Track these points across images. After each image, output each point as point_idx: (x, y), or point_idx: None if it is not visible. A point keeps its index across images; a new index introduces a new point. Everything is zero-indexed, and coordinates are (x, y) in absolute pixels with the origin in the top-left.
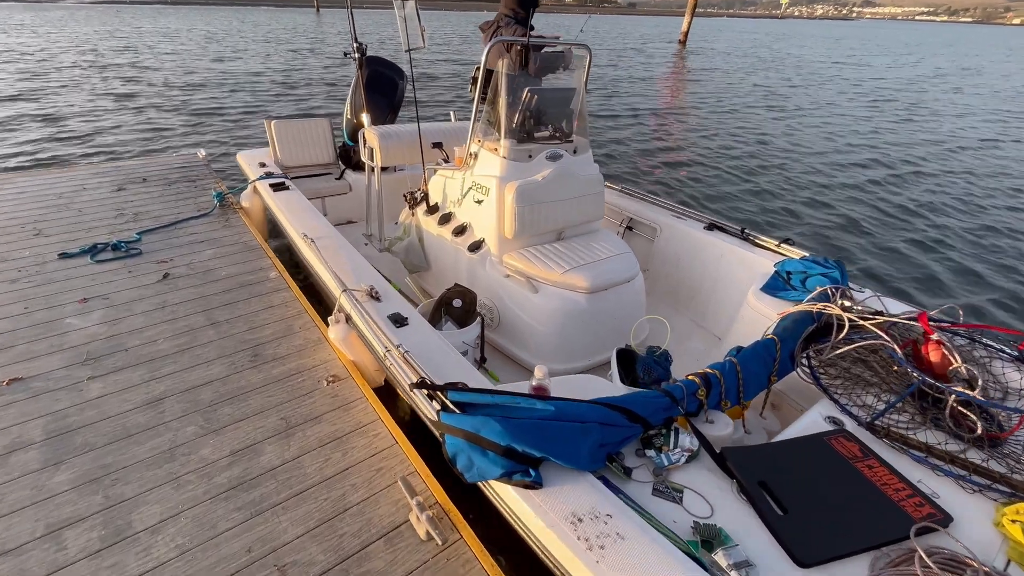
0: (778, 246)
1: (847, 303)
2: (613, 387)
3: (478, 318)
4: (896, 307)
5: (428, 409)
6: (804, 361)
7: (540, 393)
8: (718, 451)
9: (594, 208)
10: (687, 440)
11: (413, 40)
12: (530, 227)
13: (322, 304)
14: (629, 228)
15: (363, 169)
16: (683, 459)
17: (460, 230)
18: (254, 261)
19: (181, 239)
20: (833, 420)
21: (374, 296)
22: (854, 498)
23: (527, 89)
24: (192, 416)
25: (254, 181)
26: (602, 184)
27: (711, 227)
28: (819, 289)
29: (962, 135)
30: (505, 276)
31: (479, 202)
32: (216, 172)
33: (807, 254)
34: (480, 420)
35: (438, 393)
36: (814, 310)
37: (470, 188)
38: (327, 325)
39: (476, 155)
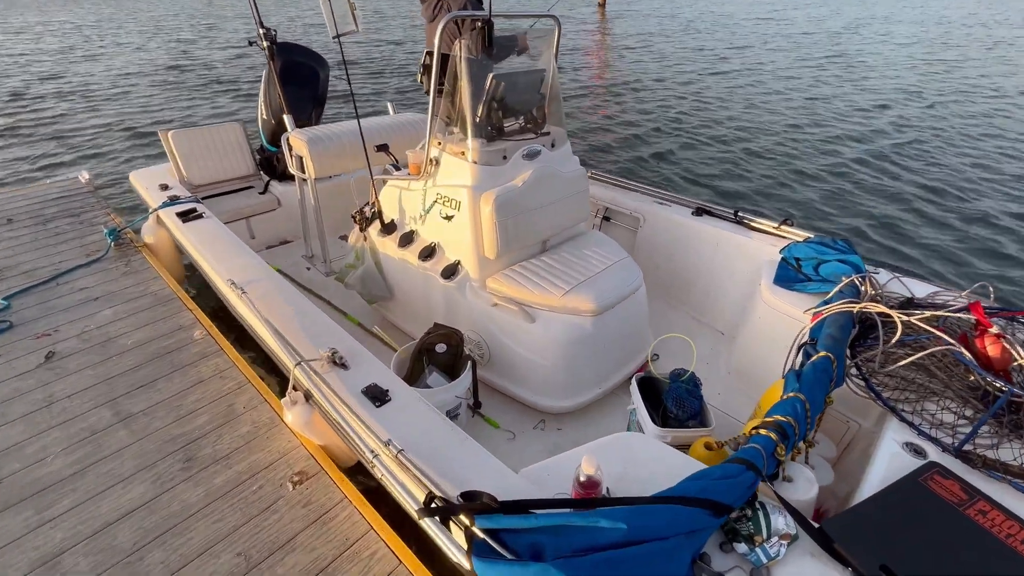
0: (778, 228)
1: (876, 294)
2: (656, 446)
3: (469, 363)
4: (919, 288)
5: (446, 541)
6: (854, 371)
7: (591, 491)
8: (816, 525)
9: (580, 209)
10: (780, 521)
11: (343, 23)
12: (514, 242)
13: (270, 364)
14: (606, 219)
15: (292, 178)
16: (783, 549)
17: (428, 252)
18: (171, 318)
19: (66, 299)
20: (913, 448)
21: (338, 363)
22: (985, 563)
23: (491, 76)
24: None
25: (156, 210)
26: (586, 180)
27: (700, 212)
28: (844, 280)
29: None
30: (492, 305)
31: (448, 218)
32: (106, 201)
33: (811, 235)
34: (534, 572)
35: (462, 518)
36: (855, 311)
37: (435, 202)
38: (281, 396)
39: (437, 161)
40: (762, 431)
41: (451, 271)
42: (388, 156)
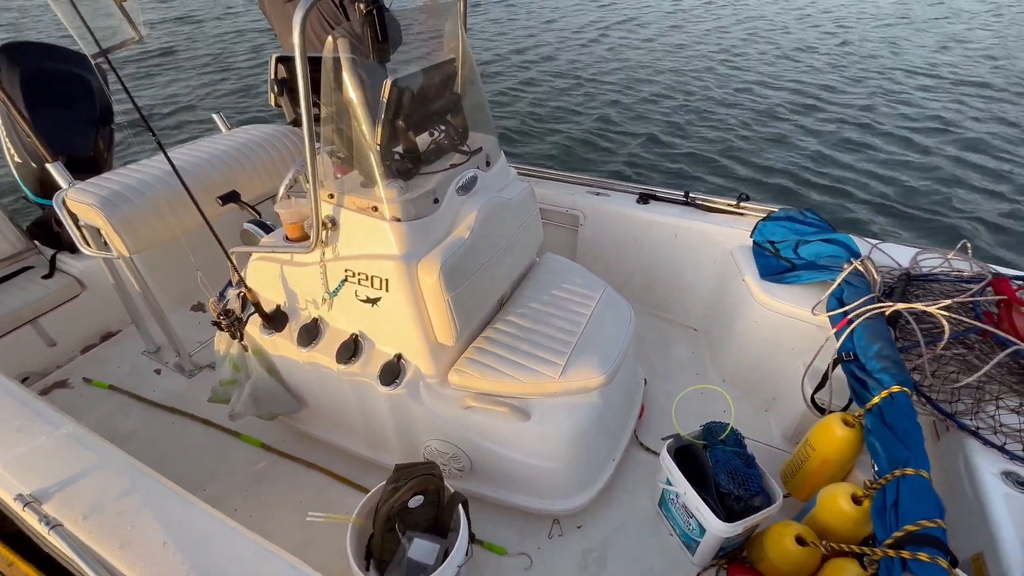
0: (737, 206)
1: (895, 284)
2: None
3: (460, 506)
4: (899, 253)
5: None
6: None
7: None
8: None
9: (535, 238)
10: None
11: (112, 33)
12: (474, 314)
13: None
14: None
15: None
16: None
17: (349, 351)
18: None
19: None
20: (1015, 479)
21: None
22: None
23: (389, 82)
24: None
25: None
26: (535, 199)
27: (645, 199)
28: (846, 268)
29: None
30: (465, 409)
31: (372, 301)
32: None
33: (775, 209)
34: None
35: None
36: (887, 312)
37: (344, 281)
38: None
39: (334, 222)
40: (921, 556)
41: (393, 372)
42: (244, 208)
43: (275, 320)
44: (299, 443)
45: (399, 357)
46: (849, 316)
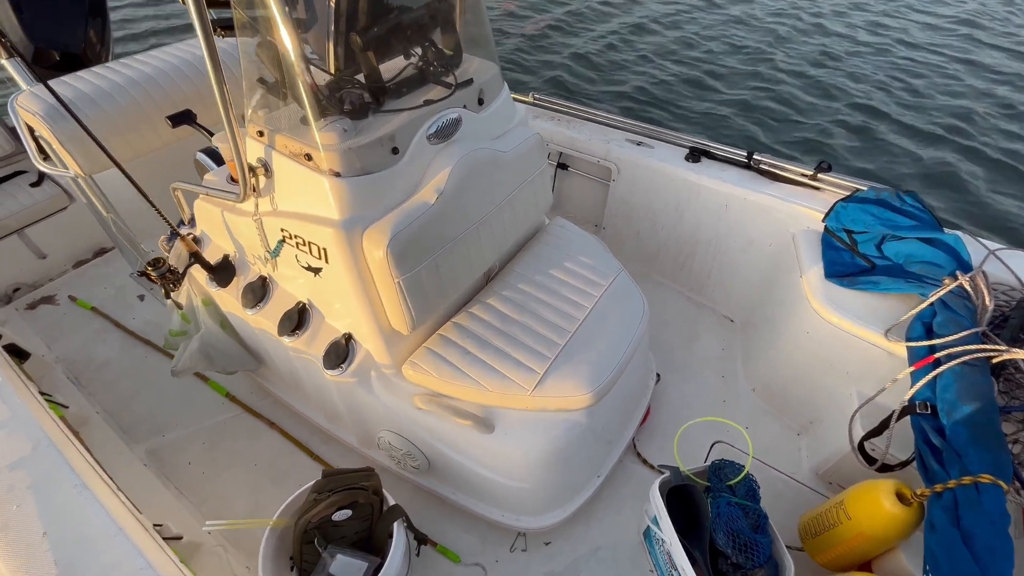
0: (813, 177)
1: (989, 296)
2: None
3: (400, 523)
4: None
5: None
6: None
7: None
8: None
9: (539, 201)
10: None
11: None
12: (439, 298)
13: None
14: (562, 167)
15: None
16: None
17: (293, 322)
18: None
19: None
20: None
21: None
22: None
23: None
24: None
25: None
26: (544, 150)
27: (696, 155)
28: (946, 284)
29: None
30: (417, 409)
31: (314, 271)
32: None
33: (862, 186)
34: None
35: None
36: (995, 360)
37: (282, 241)
38: None
39: (266, 167)
40: None
41: (339, 355)
42: (200, 132)
43: (220, 272)
44: (264, 398)
45: (348, 338)
46: (937, 355)
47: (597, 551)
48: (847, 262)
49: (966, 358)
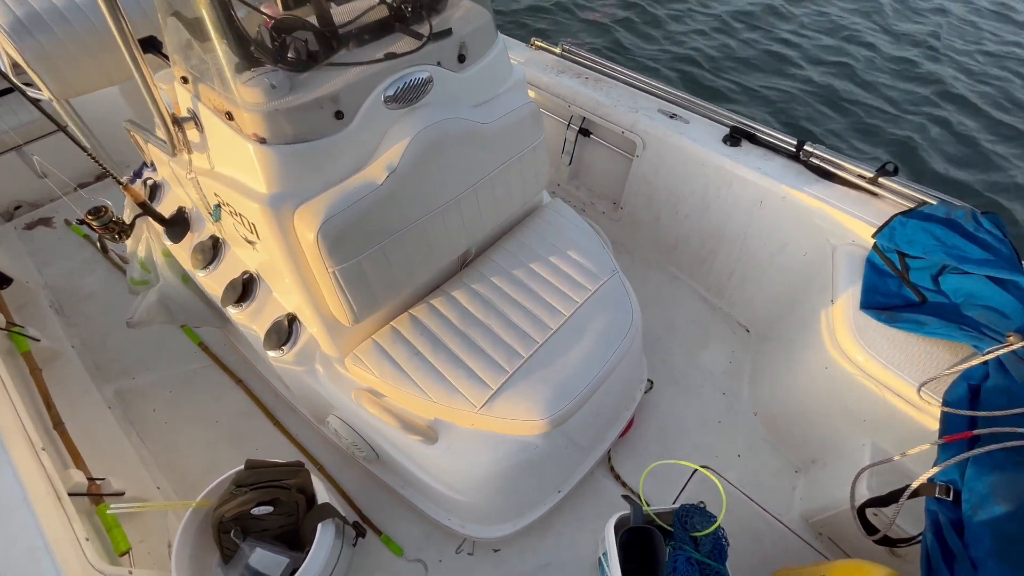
0: (873, 180)
1: None
2: None
3: (333, 523)
4: None
5: None
6: None
7: None
8: None
9: (531, 179)
10: None
11: None
12: (386, 291)
13: None
14: (584, 133)
15: None
16: None
17: (237, 292)
18: None
19: None
20: None
21: None
22: None
23: None
24: None
25: None
26: (540, 120)
27: (736, 137)
28: (1011, 343)
29: None
30: (359, 407)
31: (251, 243)
32: None
33: (932, 200)
34: None
35: None
36: None
37: (218, 207)
38: None
39: (195, 118)
40: None
41: (280, 335)
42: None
43: (173, 227)
44: (234, 353)
45: (292, 319)
46: (978, 431)
47: (547, 567)
48: (891, 292)
49: (1012, 444)
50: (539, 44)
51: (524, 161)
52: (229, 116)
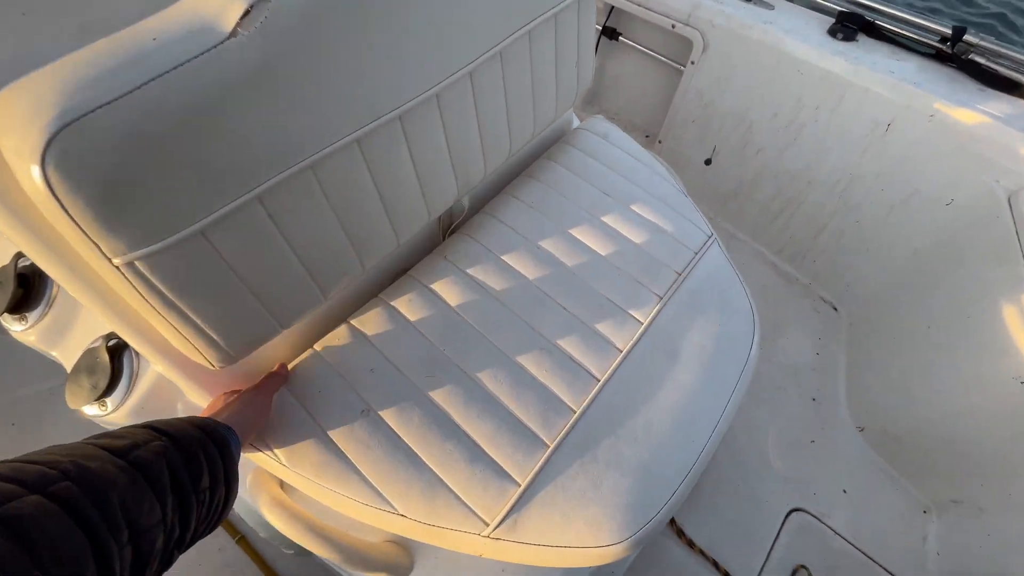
0: None
1: None
2: None
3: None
4: None
5: None
6: None
7: None
8: None
9: (565, 77)
10: None
11: None
12: (289, 294)
13: None
14: (611, 34)
15: None
16: None
17: (15, 289)
18: None
19: None
20: None
21: None
22: None
23: None
24: None
25: None
26: None
27: (849, 26)
28: None
29: None
30: (259, 507)
31: None
32: None
33: None
34: None
35: None
36: None
37: None
38: None
39: None
40: None
41: (97, 377)
42: None
43: None
44: None
45: (118, 348)
46: None
47: None
48: None
49: None
50: None
51: (561, 28)
52: None
